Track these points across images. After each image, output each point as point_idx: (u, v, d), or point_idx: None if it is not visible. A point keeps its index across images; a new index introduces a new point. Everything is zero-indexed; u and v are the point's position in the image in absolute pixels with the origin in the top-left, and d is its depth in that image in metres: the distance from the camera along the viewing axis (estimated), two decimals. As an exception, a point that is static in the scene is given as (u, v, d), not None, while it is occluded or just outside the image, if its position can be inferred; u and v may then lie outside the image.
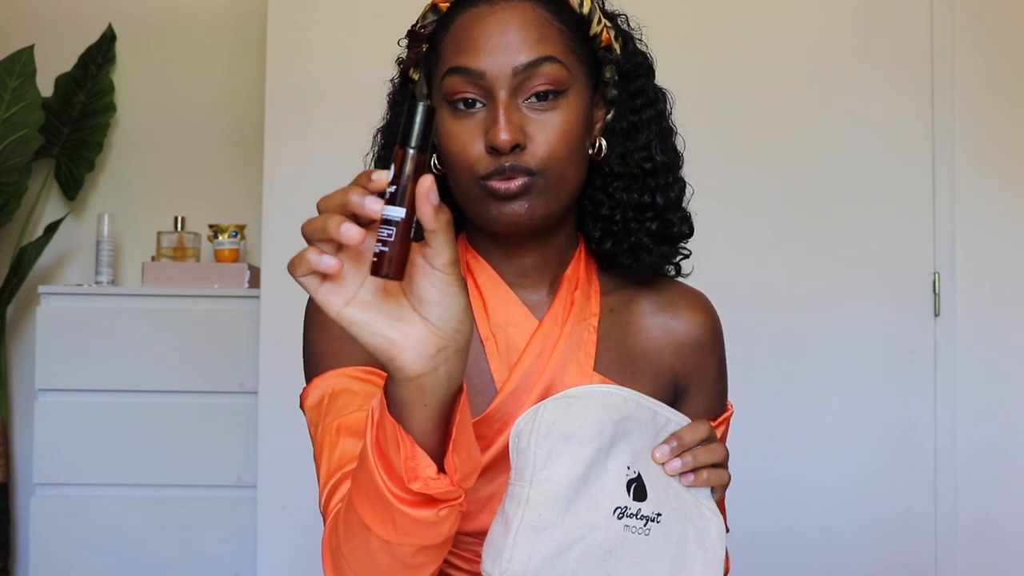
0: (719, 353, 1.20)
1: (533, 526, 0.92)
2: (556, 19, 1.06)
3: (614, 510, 0.94)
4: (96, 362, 2.74)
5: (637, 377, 1.14)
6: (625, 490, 0.95)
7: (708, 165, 2.56)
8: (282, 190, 2.55)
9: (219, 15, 3.08)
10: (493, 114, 1.03)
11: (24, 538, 2.89)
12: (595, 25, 1.09)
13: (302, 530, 2.45)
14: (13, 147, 2.81)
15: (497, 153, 1.02)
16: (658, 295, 1.18)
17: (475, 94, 1.04)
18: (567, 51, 1.06)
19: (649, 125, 1.14)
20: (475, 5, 1.05)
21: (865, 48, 2.61)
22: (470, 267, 1.15)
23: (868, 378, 2.57)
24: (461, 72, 1.03)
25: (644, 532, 0.95)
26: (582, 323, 1.13)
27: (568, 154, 1.06)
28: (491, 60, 1.03)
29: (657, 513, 0.96)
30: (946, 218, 2.58)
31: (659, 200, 1.13)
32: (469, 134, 1.04)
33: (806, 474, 2.56)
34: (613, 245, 1.14)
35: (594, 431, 0.95)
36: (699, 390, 1.18)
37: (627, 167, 1.13)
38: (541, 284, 1.14)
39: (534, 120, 1.04)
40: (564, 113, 1.05)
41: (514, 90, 1.03)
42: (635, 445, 0.98)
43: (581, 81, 1.08)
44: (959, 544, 2.55)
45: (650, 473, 0.98)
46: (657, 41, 1.23)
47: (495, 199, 1.04)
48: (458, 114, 1.05)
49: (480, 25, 1.04)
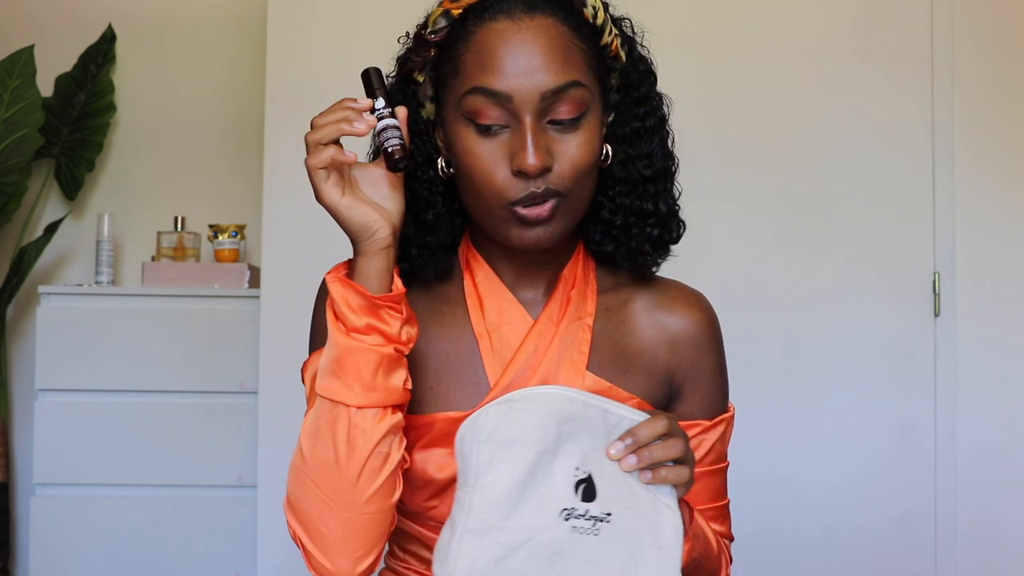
0: (716, 352, 1.19)
1: (476, 530, 0.94)
2: (577, 36, 1.05)
3: (560, 511, 0.95)
4: (96, 362, 2.74)
5: (631, 375, 1.14)
6: (573, 491, 0.95)
7: (708, 165, 2.57)
8: (282, 190, 2.55)
9: (219, 15, 3.08)
10: (520, 138, 1.03)
11: (24, 538, 2.89)
12: (606, 36, 1.09)
13: (302, 530, 2.45)
14: (13, 147, 2.81)
15: (525, 177, 1.03)
16: (655, 294, 1.18)
17: (499, 116, 1.03)
18: (588, 71, 1.06)
19: (651, 132, 1.14)
20: (496, 19, 1.04)
21: (865, 48, 2.61)
22: (470, 265, 1.16)
23: (868, 378, 2.57)
24: (487, 93, 1.03)
25: (593, 532, 0.95)
26: (577, 322, 1.13)
27: (590, 171, 1.07)
28: (518, 83, 1.02)
29: (607, 513, 0.96)
30: (946, 218, 2.58)
31: (661, 207, 1.13)
32: (494, 156, 1.04)
33: (806, 474, 2.56)
34: (614, 248, 1.14)
35: (536, 434, 0.95)
36: (695, 388, 1.17)
37: (629, 173, 1.13)
38: (539, 283, 1.15)
39: (558, 141, 1.04)
40: (586, 132, 1.05)
41: (540, 113, 1.03)
42: (585, 445, 0.97)
43: (597, 95, 1.08)
44: (959, 544, 2.55)
45: (604, 472, 0.97)
46: (657, 41, 1.22)
47: (521, 223, 1.05)
48: (481, 133, 1.05)
49: (506, 44, 1.03)
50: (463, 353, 1.12)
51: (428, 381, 1.12)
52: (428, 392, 1.11)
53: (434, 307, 1.15)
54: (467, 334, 1.13)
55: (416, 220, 1.12)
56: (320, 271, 1.20)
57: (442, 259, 1.14)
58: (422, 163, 1.13)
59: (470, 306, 1.13)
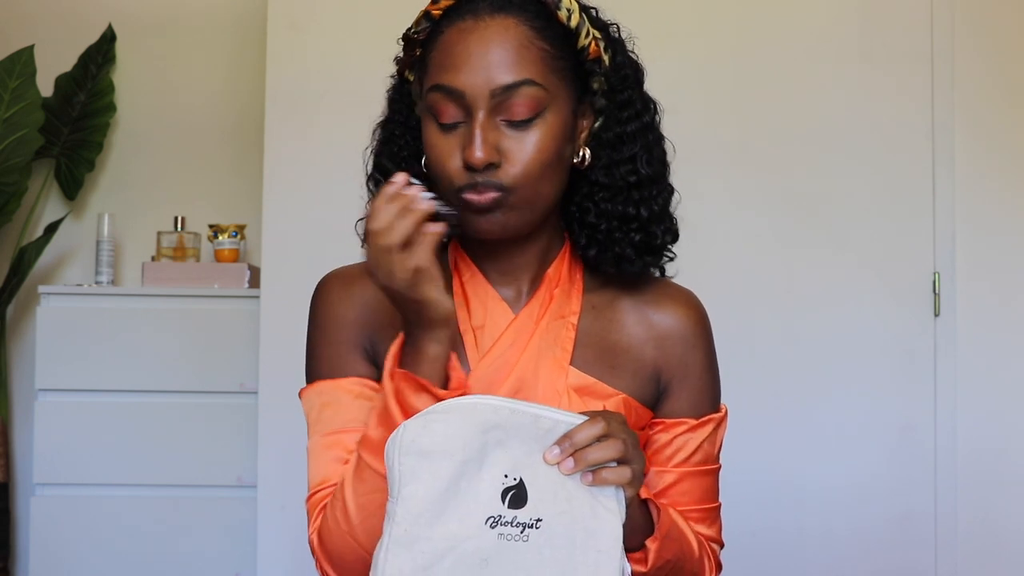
0: (704, 350, 1.19)
1: (401, 541, 0.95)
2: (539, 36, 1.07)
3: (486, 519, 0.95)
4: (96, 362, 2.74)
5: (616, 372, 1.15)
6: (500, 499, 0.96)
7: (708, 165, 2.57)
8: (282, 190, 2.55)
9: (219, 15, 3.07)
10: (470, 132, 1.06)
11: (24, 538, 2.89)
12: (583, 38, 1.10)
13: (302, 530, 2.45)
14: (13, 147, 2.81)
15: (472, 169, 1.05)
16: (642, 293, 1.19)
17: (456, 113, 1.07)
18: (547, 71, 1.07)
19: (635, 138, 1.14)
20: (463, 19, 1.07)
21: (865, 48, 2.61)
22: (458, 266, 1.17)
23: (868, 378, 2.57)
24: (443, 90, 1.06)
25: (522, 539, 0.96)
26: (560, 320, 1.14)
27: (542, 171, 1.08)
28: (470, 79, 1.05)
29: (537, 519, 0.96)
30: (946, 218, 2.58)
31: (643, 212, 1.14)
32: (449, 148, 1.07)
33: (806, 474, 2.56)
34: (597, 253, 1.15)
35: (457, 444, 0.96)
36: (682, 386, 1.17)
37: (612, 178, 1.14)
38: (522, 282, 1.16)
39: (510, 137, 1.06)
40: (540, 131, 1.07)
41: (492, 109, 1.06)
42: (515, 452, 0.97)
43: (562, 97, 1.09)
44: (959, 544, 2.55)
45: (538, 478, 0.97)
46: (658, 41, 1.23)
47: (470, 211, 1.07)
48: (440, 128, 1.08)
49: (463, 42, 1.06)
50: (448, 349, 1.12)
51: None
52: None
53: None
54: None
55: None
56: (320, 271, 1.20)
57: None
58: (409, 157, 1.17)
59: (457, 305, 1.13)
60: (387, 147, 1.19)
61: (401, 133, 1.18)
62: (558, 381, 1.12)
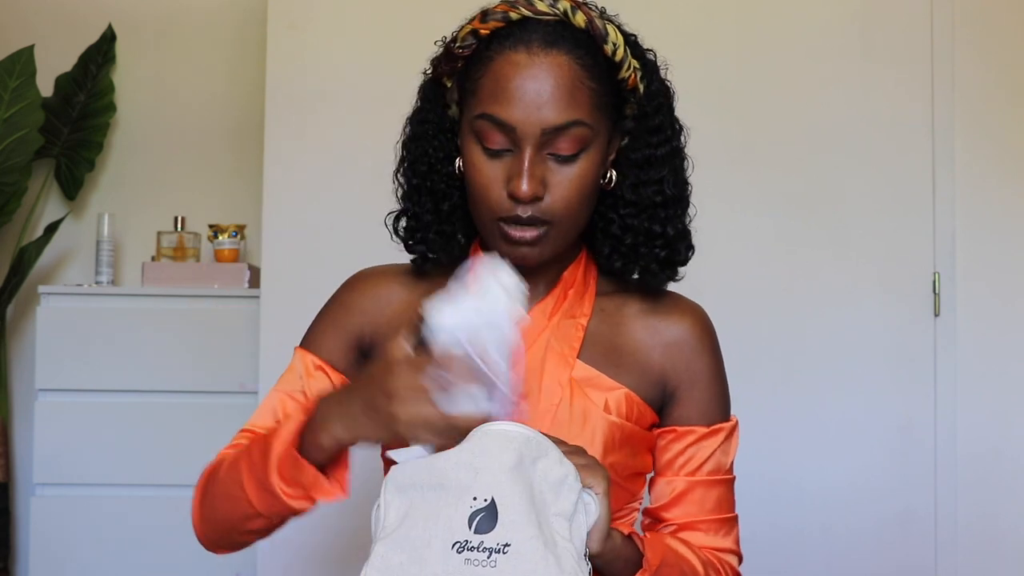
0: (711, 359, 1.21)
1: (378, 567, 0.97)
2: (589, 76, 1.10)
3: (452, 545, 0.95)
4: (96, 362, 2.74)
5: (621, 371, 1.17)
6: (467, 524, 0.95)
7: (709, 164, 2.56)
8: (282, 190, 2.55)
9: (219, 15, 3.07)
10: (519, 164, 1.08)
11: (24, 538, 2.89)
12: (624, 71, 1.13)
13: (302, 530, 2.45)
14: (13, 147, 2.81)
15: (516, 200, 1.08)
16: (652, 301, 1.22)
17: (503, 142, 1.09)
18: (594, 109, 1.10)
19: (663, 161, 1.18)
20: (515, 50, 1.09)
21: (865, 48, 2.60)
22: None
23: (868, 378, 2.57)
24: (494, 121, 1.09)
25: (489, 564, 0.94)
26: (571, 319, 1.18)
27: (581, 201, 1.12)
28: (523, 115, 1.07)
29: (504, 544, 0.95)
30: (946, 218, 2.58)
31: (670, 231, 1.18)
32: (494, 175, 1.10)
33: (806, 474, 2.56)
34: (623, 265, 1.19)
35: (425, 475, 0.98)
36: (690, 393, 1.19)
37: (639, 196, 1.17)
38: (539, 282, 1.20)
39: (555, 171, 1.09)
40: (583, 166, 1.10)
41: (541, 145, 1.08)
42: (486, 476, 0.97)
43: (603, 130, 1.13)
44: (959, 544, 2.55)
45: (511, 501, 0.96)
46: (659, 40, 1.24)
47: (507, 241, 1.11)
48: (486, 153, 1.10)
49: (518, 77, 1.08)
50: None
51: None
52: None
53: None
54: None
55: (435, 208, 1.19)
56: (320, 271, 1.21)
57: (456, 247, 1.21)
58: (443, 158, 1.19)
59: None
60: (418, 144, 1.21)
61: (435, 133, 1.20)
62: (562, 374, 1.14)
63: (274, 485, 1.04)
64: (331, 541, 2.45)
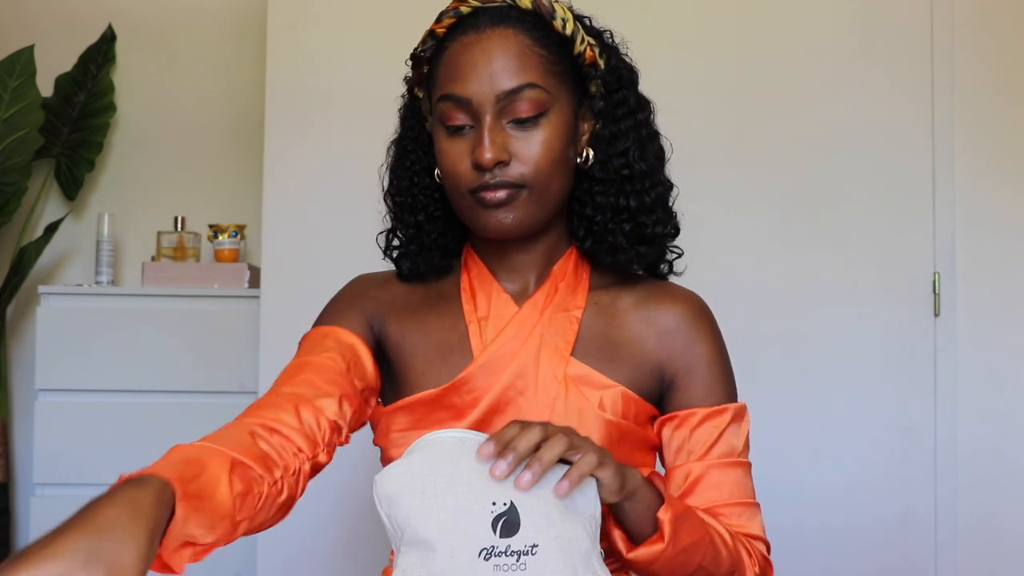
0: (709, 342, 1.22)
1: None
2: (538, 44, 1.14)
3: (479, 553, 0.91)
4: (96, 362, 2.74)
5: (616, 365, 1.18)
6: (491, 529, 0.92)
7: (708, 164, 2.57)
8: (282, 190, 2.55)
9: (219, 15, 3.08)
10: (479, 135, 1.12)
11: (24, 538, 2.89)
12: (578, 44, 1.17)
13: (302, 531, 2.45)
14: (13, 147, 2.81)
15: (482, 170, 1.12)
16: (645, 291, 1.24)
17: (464, 118, 1.13)
18: (547, 74, 1.14)
19: (628, 133, 1.20)
20: (465, 33, 1.14)
21: (865, 48, 2.60)
22: (467, 264, 1.25)
23: (868, 378, 2.57)
24: (451, 99, 1.14)
25: (520, 568, 0.91)
26: (563, 313, 1.19)
27: (551, 167, 1.14)
28: (477, 87, 1.12)
29: (532, 545, 0.92)
30: (946, 218, 2.58)
31: (632, 203, 1.19)
32: (459, 153, 1.14)
33: (806, 474, 2.56)
34: (593, 244, 1.21)
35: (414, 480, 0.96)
36: (689, 378, 1.20)
37: (607, 173, 1.20)
38: (528, 278, 1.23)
39: (518, 138, 1.13)
40: (546, 130, 1.13)
41: (498, 113, 1.12)
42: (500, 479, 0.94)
43: (564, 99, 1.16)
44: (959, 544, 2.55)
45: (528, 501, 0.93)
46: (657, 40, 1.26)
47: (483, 207, 1.14)
48: (451, 135, 1.15)
49: (467, 54, 1.13)
50: (454, 340, 1.20)
51: (420, 367, 1.19)
52: (420, 377, 1.19)
53: (432, 302, 1.24)
54: (459, 324, 1.21)
55: (415, 222, 1.24)
56: (320, 271, 1.22)
57: (437, 258, 1.25)
58: (421, 170, 1.24)
59: (464, 299, 1.22)
60: (401, 162, 1.26)
61: (413, 148, 1.25)
62: (557, 370, 1.16)
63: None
64: (331, 541, 2.45)
